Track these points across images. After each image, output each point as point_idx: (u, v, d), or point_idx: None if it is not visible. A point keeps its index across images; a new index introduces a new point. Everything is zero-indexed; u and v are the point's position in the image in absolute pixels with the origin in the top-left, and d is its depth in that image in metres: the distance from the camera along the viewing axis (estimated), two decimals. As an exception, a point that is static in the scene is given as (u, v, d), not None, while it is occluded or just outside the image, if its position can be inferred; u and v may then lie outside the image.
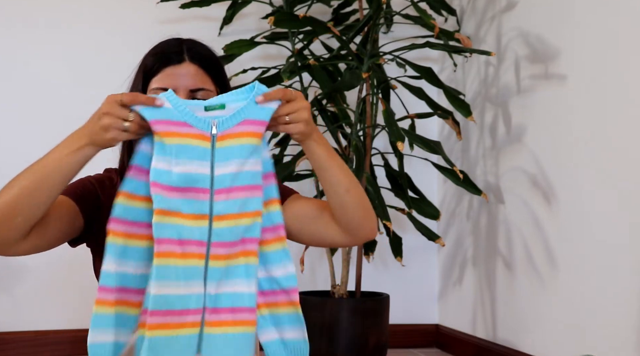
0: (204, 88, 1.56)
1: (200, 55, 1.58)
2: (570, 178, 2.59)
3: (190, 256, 1.37)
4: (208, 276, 1.38)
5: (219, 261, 1.39)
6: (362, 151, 2.85)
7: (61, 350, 3.14)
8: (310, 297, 2.87)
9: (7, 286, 3.15)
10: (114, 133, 1.38)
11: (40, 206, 1.41)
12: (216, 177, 1.39)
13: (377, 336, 2.79)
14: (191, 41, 1.62)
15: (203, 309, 1.38)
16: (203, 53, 1.59)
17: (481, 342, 3.12)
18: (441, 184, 3.48)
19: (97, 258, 1.64)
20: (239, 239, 1.40)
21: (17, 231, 1.40)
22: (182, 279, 1.36)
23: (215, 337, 1.38)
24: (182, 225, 1.36)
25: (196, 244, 1.37)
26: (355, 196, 1.53)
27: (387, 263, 3.41)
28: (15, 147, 3.17)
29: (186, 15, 3.15)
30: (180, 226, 1.36)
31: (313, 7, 3.11)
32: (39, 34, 3.21)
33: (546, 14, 2.75)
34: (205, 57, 1.59)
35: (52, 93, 3.21)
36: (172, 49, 1.57)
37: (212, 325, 1.38)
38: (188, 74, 1.55)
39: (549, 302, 2.69)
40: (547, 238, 2.70)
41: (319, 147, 1.51)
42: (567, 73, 2.62)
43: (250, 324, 1.40)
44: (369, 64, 2.82)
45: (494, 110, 3.08)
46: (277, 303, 1.44)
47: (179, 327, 1.36)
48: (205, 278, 1.38)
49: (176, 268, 1.36)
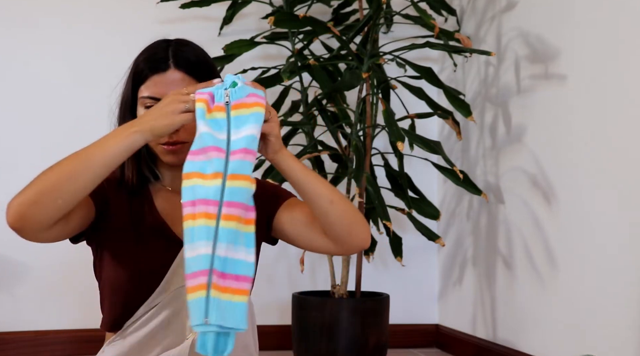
0: None
1: (186, 60, 1.58)
2: (570, 178, 2.59)
3: (200, 216, 1.36)
4: (218, 236, 1.36)
5: (229, 221, 1.37)
6: (362, 151, 2.85)
7: (61, 350, 3.14)
8: (310, 297, 2.87)
9: (7, 286, 3.15)
10: (170, 118, 1.40)
11: (82, 190, 1.42)
12: (232, 141, 1.40)
13: (377, 336, 2.79)
14: (179, 44, 1.61)
15: (210, 271, 1.34)
16: (189, 58, 1.59)
17: (481, 342, 3.12)
18: (441, 184, 3.48)
19: (97, 257, 1.64)
20: (247, 203, 1.40)
21: (55, 212, 1.41)
22: (194, 240, 1.35)
23: (223, 303, 1.34)
24: (199, 185, 1.37)
25: (207, 204, 1.37)
26: (339, 206, 1.52)
27: (387, 263, 3.41)
28: (16, 148, 3.17)
29: (186, 15, 3.15)
30: (198, 186, 1.37)
31: (313, 7, 3.11)
32: (38, 34, 3.21)
33: (546, 14, 2.75)
34: (192, 62, 1.58)
35: (52, 93, 3.21)
36: (158, 56, 1.58)
37: (220, 290, 1.34)
38: (174, 81, 1.56)
39: (549, 302, 2.69)
40: (547, 238, 2.70)
41: (292, 160, 1.51)
42: (567, 73, 2.62)
43: (248, 295, 1.37)
44: (369, 64, 2.82)
45: (494, 110, 3.08)
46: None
47: (192, 291, 1.33)
48: (215, 238, 1.35)
49: (192, 230, 1.35)
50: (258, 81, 2.96)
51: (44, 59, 3.21)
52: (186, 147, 1.54)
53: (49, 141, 3.16)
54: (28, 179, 1.47)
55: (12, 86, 3.19)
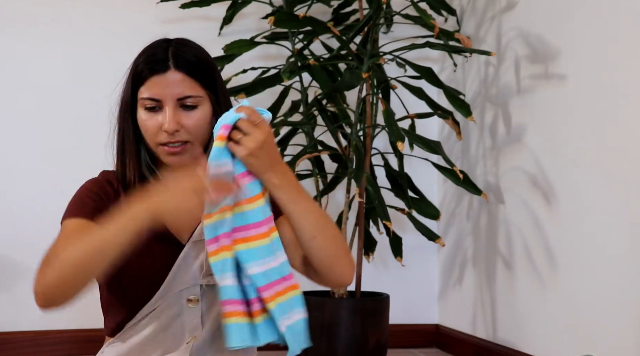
0: (191, 95, 1.54)
1: (186, 61, 1.55)
2: (570, 178, 2.59)
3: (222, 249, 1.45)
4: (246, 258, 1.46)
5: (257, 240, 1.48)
6: (362, 151, 2.85)
7: (61, 350, 3.14)
8: (310, 297, 2.86)
9: (7, 286, 3.15)
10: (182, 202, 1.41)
11: (101, 271, 1.43)
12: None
13: (377, 336, 2.79)
14: (179, 44, 1.59)
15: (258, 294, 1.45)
16: (189, 58, 1.56)
17: (481, 342, 3.12)
18: (441, 184, 3.48)
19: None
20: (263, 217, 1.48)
21: (80, 289, 1.42)
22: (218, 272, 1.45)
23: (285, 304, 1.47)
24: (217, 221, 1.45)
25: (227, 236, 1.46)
26: (320, 242, 1.51)
27: (387, 263, 3.41)
28: (16, 148, 3.17)
29: (186, 15, 3.15)
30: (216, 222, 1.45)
31: (313, 7, 3.11)
32: (38, 34, 3.21)
33: (546, 14, 2.75)
34: (192, 62, 1.56)
35: (52, 93, 3.21)
36: (158, 57, 1.55)
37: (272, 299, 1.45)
38: (174, 82, 1.53)
39: (549, 302, 2.69)
40: (547, 238, 2.70)
41: (279, 190, 1.48)
42: (567, 73, 2.62)
43: (299, 287, 1.48)
44: (369, 64, 2.82)
45: (494, 110, 3.08)
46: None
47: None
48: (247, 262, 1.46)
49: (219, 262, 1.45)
50: (258, 81, 2.96)
51: (44, 59, 3.21)
52: (188, 147, 1.55)
53: (49, 141, 3.16)
54: (28, 179, 1.47)
55: (12, 85, 3.19)
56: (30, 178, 3.15)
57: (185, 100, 1.54)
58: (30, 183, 3.14)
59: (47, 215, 2.21)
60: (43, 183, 3.13)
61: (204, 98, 1.56)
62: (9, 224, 3.13)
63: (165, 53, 1.56)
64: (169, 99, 1.53)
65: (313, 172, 3.01)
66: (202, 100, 1.55)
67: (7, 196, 3.14)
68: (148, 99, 1.54)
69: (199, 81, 1.55)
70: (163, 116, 1.53)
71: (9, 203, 3.13)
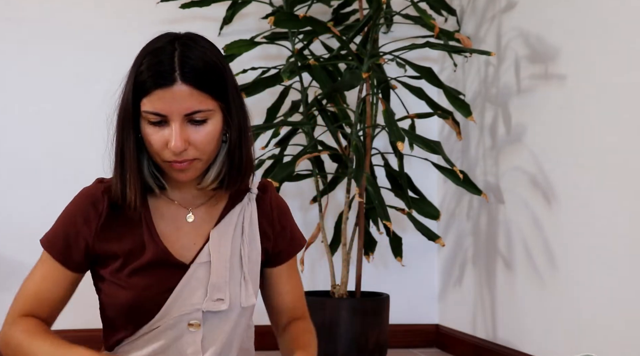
0: (200, 110, 1.41)
1: (194, 70, 1.40)
2: (570, 178, 2.59)
3: None
4: None
5: None
6: (362, 151, 2.85)
7: (61, 350, 3.13)
8: (310, 297, 2.84)
9: (7, 286, 3.15)
10: None
11: None
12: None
13: (377, 336, 2.79)
14: (185, 47, 1.43)
15: None
16: (198, 66, 1.40)
17: (481, 342, 3.12)
18: (441, 184, 3.48)
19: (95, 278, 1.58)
20: None
21: None
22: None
23: None
24: None
25: None
26: None
27: (387, 263, 3.41)
28: (15, 148, 3.17)
29: (186, 15, 3.15)
30: None
31: (313, 7, 3.11)
32: (39, 34, 3.21)
33: (546, 14, 2.75)
34: (201, 71, 1.40)
35: (52, 93, 3.21)
36: (163, 67, 1.40)
37: None
38: (181, 97, 1.39)
39: (549, 302, 2.69)
40: (547, 238, 2.70)
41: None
42: (567, 73, 2.62)
43: None
44: (369, 64, 2.82)
45: (494, 110, 3.08)
46: None
47: None
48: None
49: None
50: (258, 81, 2.96)
51: (44, 59, 3.21)
52: (195, 164, 1.45)
53: (49, 141, 3.16)
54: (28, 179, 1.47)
55: (12, 86, 3.19)
56: (30, 178, 3.15)
57: (193, 115, 1.41)
58: (30, 183, 3.14)
59: (47, 215, 2.20)
60: (43, 183, 3.13)
61: (214, 111, 1.43)
62: (9, 224, 3.13)
63: (171, 62, 1.40)
64: (176, 115, 1.40)
65: (313, 172, 3.01)
66: (212, 113, 1.43)
67: (7, 196, 3.14)
68: (153, 113, 1.41)
69: (209, 93, 1.42)
70: (169, 132, 1.41)
71: (9, 203, 3.13)
